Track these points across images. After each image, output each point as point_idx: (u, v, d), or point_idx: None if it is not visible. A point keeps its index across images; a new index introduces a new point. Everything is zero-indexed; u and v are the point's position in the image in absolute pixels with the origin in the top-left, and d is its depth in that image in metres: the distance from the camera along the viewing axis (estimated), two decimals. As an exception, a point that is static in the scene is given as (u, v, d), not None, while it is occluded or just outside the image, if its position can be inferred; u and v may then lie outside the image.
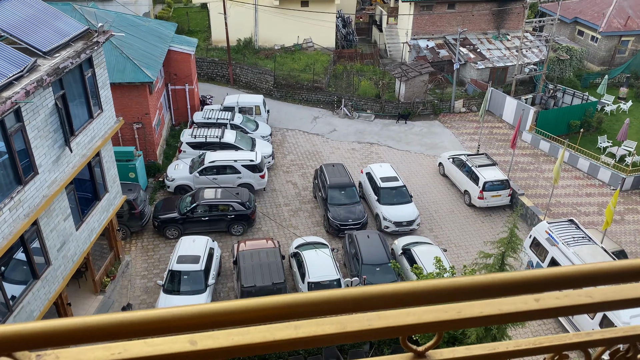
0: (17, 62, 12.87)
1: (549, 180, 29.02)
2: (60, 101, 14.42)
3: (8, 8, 14.62)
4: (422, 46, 40.69)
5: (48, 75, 13.22)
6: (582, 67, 42.76)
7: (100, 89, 16.77)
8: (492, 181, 25.86)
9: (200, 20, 47.98)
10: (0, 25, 13.84)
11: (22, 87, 12.29)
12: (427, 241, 22.44)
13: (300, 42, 42.41)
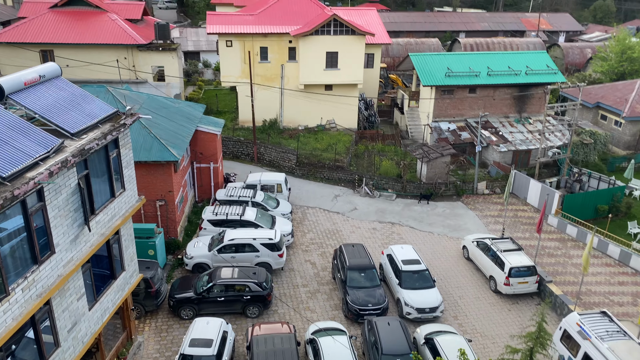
0: (45, 143, 13.29)
1: (578, 266, 27.90)
2: (83, 181, 14.70)
3: (42, 91, 15.35)
4: (444, 128, 41.17)
5: (73, 156, 13.57)
6: (607, 151, 42.41)
7: (124, 168, 17.13)
8: (519, 267, 24.94)
9: (229, 101, 49.87)
10: (34, 108, 14.47)
11: (46, 168, 12.58)
12: (451, 330, 21.35)
13: (323, 123, 43.43)
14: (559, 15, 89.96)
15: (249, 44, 40.70)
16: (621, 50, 53.30)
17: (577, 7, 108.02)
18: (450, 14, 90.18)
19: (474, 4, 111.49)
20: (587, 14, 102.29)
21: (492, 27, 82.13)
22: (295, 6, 43.46)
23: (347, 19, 41.78)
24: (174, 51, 42.80)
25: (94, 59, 41.34)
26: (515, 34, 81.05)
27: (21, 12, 48.70)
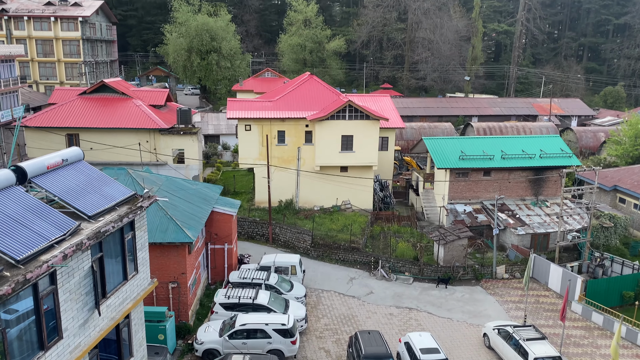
0: (61, 225, 13.45)
1: (606, 357, 26.37)
2: (97, 264, 14.68)
3: (64, 175, 15.78)
4: (460, 210, 40.94)
5: (88, 239, 13.65)
6: (629, 235, 41.50)
7: (138, 251, 17.13)
8: (543, 357, 23.64)
9: (245, 182, 50.68)
10: (54, 191, 14.80)
11: (61, 251, 12.63)
12: None
13: (339, 203, 43.59)
14: (570, 100, 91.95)
15: (267, 128, 41.99)
16: (635, 134, 53.71)
17: (588, 93, 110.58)
18: (462, 99, 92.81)
19: (485, 90, 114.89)
20: (597, 99, 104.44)
21: (504, 111, 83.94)
22: (312, 93, 45.21)
23: (361, 104, 43.13)
24: (194, 135, 44.25)
25: (117, 142, 42.83)
26: (528, 118, 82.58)
27: (52, 99, 51.37)
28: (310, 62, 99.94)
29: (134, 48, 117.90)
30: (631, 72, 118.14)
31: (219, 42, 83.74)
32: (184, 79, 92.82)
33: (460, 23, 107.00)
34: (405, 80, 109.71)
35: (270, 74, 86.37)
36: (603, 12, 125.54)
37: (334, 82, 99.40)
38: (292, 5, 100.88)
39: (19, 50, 55.24)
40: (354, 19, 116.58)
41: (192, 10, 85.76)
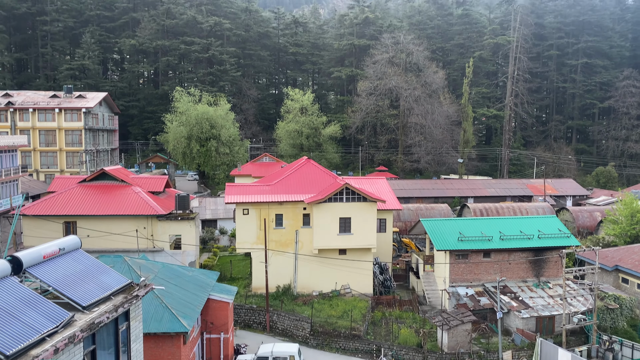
0: (54, 317, 13.08)
1: None
2: (89, 356, 14.11)
3: (60, 264, 15.59)
4: (462, 294, 40.14)
5: (82, 331, 13.23)
6: (635, 316, 40.46)
7: (132, 342, 16.55)
8: None
9: (243, 267, 49.98)
10: (48, 281, 14.55)
11: (52, 344, 12.19)
12: None
13: (338, 288, 42.76)
14: (564, 180, 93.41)
15: (264, 212, 42.14)
16: (630, 214, 54.01)
17: (580, 173, 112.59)
18: (457, 180, 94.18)
19: (479, 171, 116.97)
20: (590, 179, 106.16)
21: (499, 192, 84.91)
22: (310, 176, 45.90)
23: (358, 187, 43.65)
24: (191, 220, 44.27)
25: (115, 229, 42.73)
26: (523, 198, 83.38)
27: (51, 187, 51.88)
28: (307, 146, 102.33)
29: (135, 136, 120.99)
30: (620, 152, 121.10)
31: (218, 130, 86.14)
32: (183, 166, 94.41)
33: (450, 109, 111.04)
34: (400, 163, 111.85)
35: (268, 158, 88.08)
36: (587, 96, 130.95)
37: (330, 166, 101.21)
38: (289, 94, 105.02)
39: (22, 141, 56.59)
40: (348, 106, 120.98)
41: (193, 100, 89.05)
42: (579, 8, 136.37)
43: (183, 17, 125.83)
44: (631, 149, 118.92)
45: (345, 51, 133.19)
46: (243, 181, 77.12)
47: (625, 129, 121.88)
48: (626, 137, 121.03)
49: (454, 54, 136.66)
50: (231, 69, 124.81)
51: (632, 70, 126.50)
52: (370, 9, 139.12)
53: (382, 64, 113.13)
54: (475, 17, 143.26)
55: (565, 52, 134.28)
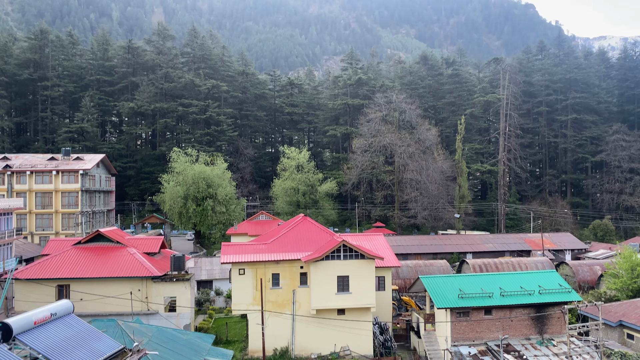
0: (43, 387, 12.60)
1: None
2: None
3: (51, 330, 15.19)
4: (464, 353, 39.02)
5: (70, 401, 12.71)
6: (645, 374, 39.19)
7: (123, 412, 15.87)
8: None
9: (239, 330, 48.73)
10: (39, 348, 14.12)
11: (39, 417, 11.67)
12: None
13: (337, 350, 41.55)
14: (561, 234, 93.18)
15: (261, 271, 41.57)
16: (630, 267, 53.55)
17: (577, 227, 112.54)
18: (455, 236, 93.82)
19: (476, 226, 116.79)
20: (587, 232, 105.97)
21: (498, 247, 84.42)
22: (306, 234, 45.67)
23: (355, 244, 43.36)
24: (187, 281, 43.56)
25: (109, 291, 41.93)
26: (522, 253, 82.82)
27: (46, 249, 51.34)
28: (303, 203, 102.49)
29: (132, 197, 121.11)
30: (615, 205, 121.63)
31: (215, 189, 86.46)
32: (179, 225, 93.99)
33: (444, 164, 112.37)
34: (397, 219, 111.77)
35: (265, 216, 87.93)
36: (579, 151, 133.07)
37: (327, 223, 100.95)
38: (286, 152, 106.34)
39: (18, 204, 56.51)
40: (343, 163, 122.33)
41: (190, 160, 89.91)
42: (565, 66, 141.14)
43: (181, 80, 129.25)
44: (626, 202, 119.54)
45: (340, 110, 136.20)
46: (239, 240, 76.62)
47: (619, 182, 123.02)
48: (620, 190, 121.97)
49: (445, 111, 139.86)
50: (228, 129, 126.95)
51: (621, 124, 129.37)
52: (363, 71, 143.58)
53: (376, 122, 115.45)
54: (465, 77, 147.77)
55: (554, 108, 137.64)
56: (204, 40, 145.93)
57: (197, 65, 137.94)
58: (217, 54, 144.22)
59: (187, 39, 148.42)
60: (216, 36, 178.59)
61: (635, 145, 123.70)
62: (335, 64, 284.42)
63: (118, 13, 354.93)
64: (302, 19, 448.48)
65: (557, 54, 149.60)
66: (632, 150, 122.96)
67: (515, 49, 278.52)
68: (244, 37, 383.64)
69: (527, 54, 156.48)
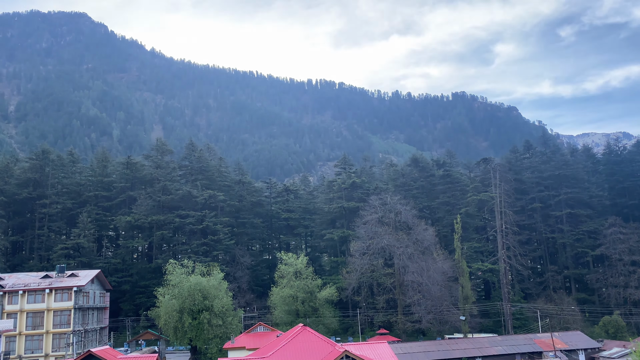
0: None
1: None
2: None
3: None
4: None
5: None
6: None
7: None
8: None
9: None
10: None
11: None
12: None
13: None
14: (572, 333, 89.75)
15: (260, 390, 39.15)
16: (648, 365, 51.01)
17: (586, 324, 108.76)
18: (462, 340, 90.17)
19: (483, 328, 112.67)
20: (598, 329, 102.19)
21: (507, 350, 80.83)
22: (306, 345, 43.82)
23: (359, 354, 41.53)
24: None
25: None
26: (533, 355, 79.10)
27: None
28: (302, 312, 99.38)
29: (126, 313, 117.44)
30: (622, 300, 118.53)
31: (211, 301, 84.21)
32: (175, 341, 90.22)
33: (445, 265, 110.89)
34: (401, 324, 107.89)
35: (263, 327, 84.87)
36: (578, 245, 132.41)
37: (328, 331, 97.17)
38: (283, 259, 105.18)
39: (8, 326, 54.61)
40: (342, 267, 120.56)
41: (186, 272, 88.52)
42: (553, 163, 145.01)
43: (179, 192, 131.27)
44: (633, 296, 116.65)
45: (336, 213, 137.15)
46: (237, 354, 73.29)
47: (623, 276, 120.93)
48: (625, 283, 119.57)
49: (441, 211, 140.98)
50: (225, 237, 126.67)
51: (616, 217, 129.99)
52: (357, 174, 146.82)
53: (373, 224, 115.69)
54: (457, 177, 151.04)
55: (547, 204, 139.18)
56: (202, 153, 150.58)
57: (194, 177, 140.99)
58: (214, 165, 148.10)
59: (185, 153, 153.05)
60: (213, 149, 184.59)
61: (633, 237, 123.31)
62: (330, 169, 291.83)
63: (118, 131, 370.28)
64: (296, 130, 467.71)
65: (544, 151, 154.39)
66: (631, 243, 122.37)
67: (503, 149, 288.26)
68: (240, 149, 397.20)
69: (515, 153, 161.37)
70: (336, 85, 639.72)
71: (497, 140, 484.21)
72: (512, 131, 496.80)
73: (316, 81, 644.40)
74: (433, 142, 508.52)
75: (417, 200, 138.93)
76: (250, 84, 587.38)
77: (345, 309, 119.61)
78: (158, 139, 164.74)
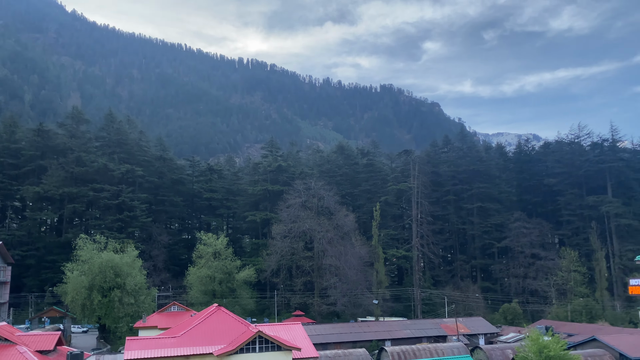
0: None
1: None
2: None
3: None
4: None
5: None
6: None
7: None
8: None
9: None
10: None
11: None
12: None
13: None
14: (474, 319, 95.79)
15: (169, 368, 38.61)
16: (538, 349, 55.53)
17: (488, 311, 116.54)
18: (374, 323, 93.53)
19: (394, 312, 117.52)
20: (498, 316, 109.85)
21: (415, 333, 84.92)
22: (220, 326, 43.61)
23: (272, 334, 41.95)
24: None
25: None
26: (438, 338, 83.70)
27: None
28: (219, 292, 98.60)
29: (30, 288, 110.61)
30: (521, 289, 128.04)
31: (123, 278, 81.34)
32: (82, 319, 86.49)
33: (362, 250, 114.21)
34: (317, 307, 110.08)
35: (177, 307, 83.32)
36: (485, 237, 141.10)
37: (244, 312, 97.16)
38: (202, 239, 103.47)
39: None
40: (263, 249, 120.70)
41: (98, 247, 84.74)
42: (469, 159, 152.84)
43: (94, 164, 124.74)
44: (531, 286, 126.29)
45: (260, 196, 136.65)
46: (149, 334, 71.47)
47: (523, 267, 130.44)
48: (524, 274, 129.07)
49: (362, 198, 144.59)
50: (142, 214, 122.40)
51: (521, 213, 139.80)
52: (283, 158, 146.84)
53: (296, 208, 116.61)
54: (379, 166, 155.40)
55: (461, 197, 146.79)
56: (121, 125, 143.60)
57: (112, 149, 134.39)
58: (133, 139, 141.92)
59: (103, 123, 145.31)
60: (134, 121, 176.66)
61: (535, 232, 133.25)
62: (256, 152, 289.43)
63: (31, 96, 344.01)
64: (224, 108, 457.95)
65: (461, 147, 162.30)
66: (532, 237, 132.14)
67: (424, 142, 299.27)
68: (164, 124, 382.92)
69: (435, 147, 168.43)
70: (268, 66, 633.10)
71: (420, 133, 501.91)
72: (433, 126, 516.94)
73: (248, 60, 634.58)
74: (360, 131, 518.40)
75: (341, 186, 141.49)
76: (178, 57, 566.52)
77: (263, 291, 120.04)
78: (74, 106, 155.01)
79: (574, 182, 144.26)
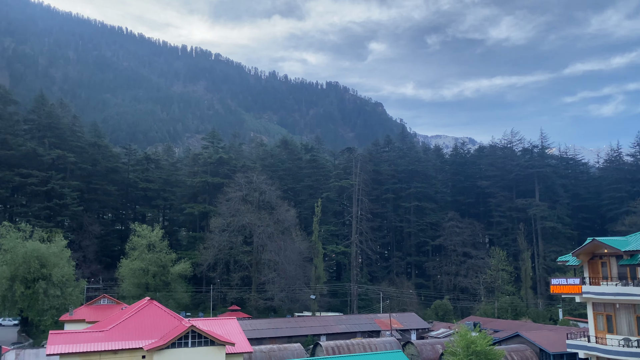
0: None
1: None
2: None
3: None
4: None
5: None
6: None
7: None
8: None
9: None
10: None
11: None
12: None
13: None
14: (407, 315, 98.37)
15: (95, 364, 37.01)
16: (466, 345, 57.70)
17: (421, 307, 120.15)
18: (310, 318, 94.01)
19: (331, 307, 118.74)
20: (430, 312, 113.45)
21: (350, 328, 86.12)
22: (151, 319, 42.30)
23: (206, 329, 41.14)
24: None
25: None
26: (372, 333, 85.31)
27: None
28: (153, 286, 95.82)
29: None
30: (453, 286, 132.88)
31: (49, 269, 77.33)
32: (3, 311, 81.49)
33: (302, 245, 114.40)
34: (254, 301, 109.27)
35: (107, 300, 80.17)
36: (421, 235, 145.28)
37: (179, 307, 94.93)
38: (137, 230, 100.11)
39: None
40: (200, 242, 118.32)
41: (22, 236, 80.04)
42: (408, 159, 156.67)
43: (21, 148, 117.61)
44: (461, 283, 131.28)
45: (199, 188, 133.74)
46: (75, 327, 68.29)
47: (455, 265, 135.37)
48: (456, 272, 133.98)
49: (304, 194, 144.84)
50: (72, 203, 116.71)
51: (454, 212, 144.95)
52: (225, 150, 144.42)
53: (236, 202, 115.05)
54: (322, 163, 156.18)
55: (399, 195, 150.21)
56: (53, 108, 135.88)
57: (42, 133, 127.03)
58: (66, 124, 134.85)
59: (33, 106, 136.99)
60: (67, 105, 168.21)
61: (467, 231, 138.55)
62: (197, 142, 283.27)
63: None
64: (164, 96, 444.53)
65: (401, 147, 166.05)
66: (465, 236, 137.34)
67: (367, 141, 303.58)
68: (100, 109, 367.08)
69: (376, 145, 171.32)
70: (212, 55, 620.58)
71: (363, 132, 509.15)
72: (376, 125, 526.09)
73: (191, 48, 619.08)
74: (305, 126, 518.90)
75: (283, 181, 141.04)
76: (118, 40, 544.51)
77: (199, 285, 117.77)
78: (1, 85, 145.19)
79: (505, 185, 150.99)
